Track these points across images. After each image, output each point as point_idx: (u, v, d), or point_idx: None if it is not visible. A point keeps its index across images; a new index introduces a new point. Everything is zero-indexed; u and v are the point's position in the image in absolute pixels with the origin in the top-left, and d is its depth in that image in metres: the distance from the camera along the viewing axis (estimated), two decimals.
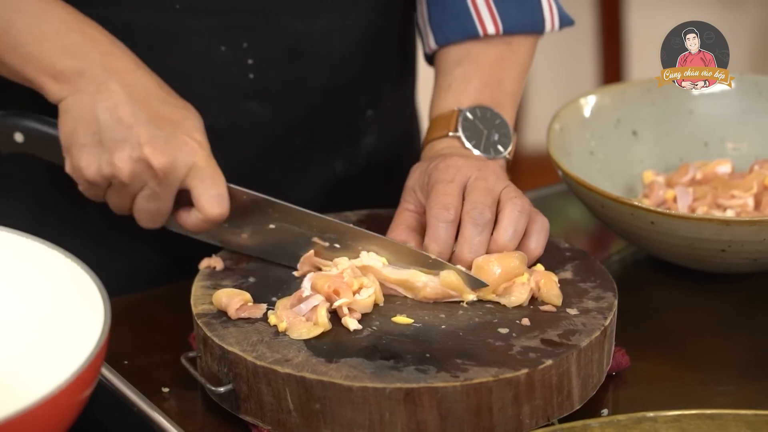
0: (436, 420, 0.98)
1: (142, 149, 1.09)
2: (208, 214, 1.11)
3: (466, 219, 1.10)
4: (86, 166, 1.10)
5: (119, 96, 1.10)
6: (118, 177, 1.10)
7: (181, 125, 1.11)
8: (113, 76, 1.10)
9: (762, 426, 0.94)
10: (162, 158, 1.09)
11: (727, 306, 1.23)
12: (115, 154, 1.09)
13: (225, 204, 1.11)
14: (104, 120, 1.09)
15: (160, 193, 1.11)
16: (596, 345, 1.04)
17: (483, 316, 1.07)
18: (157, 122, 1.10)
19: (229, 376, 1.02)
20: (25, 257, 1.01)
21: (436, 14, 1.26)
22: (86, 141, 1.10)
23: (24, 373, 0.97)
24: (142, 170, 1.09)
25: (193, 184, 1.11)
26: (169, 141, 1.09)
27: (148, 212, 1.12)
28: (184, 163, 1.10)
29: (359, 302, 1.05)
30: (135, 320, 1.18)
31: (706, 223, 1.17)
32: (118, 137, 1.09)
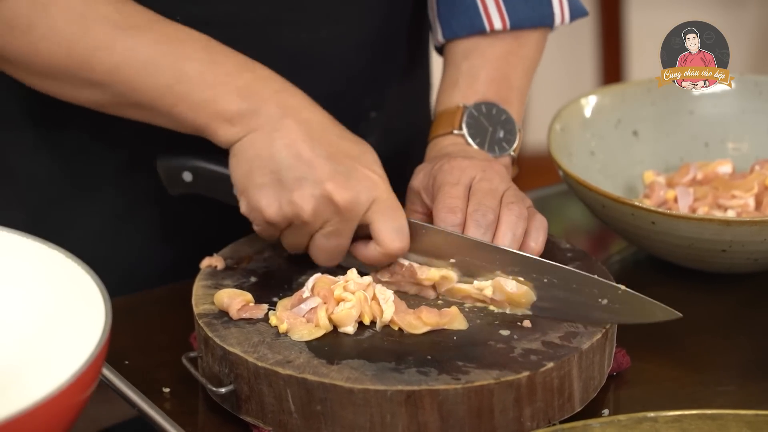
0: (438, 422, 0.98)
1: (324, 185, 1.06)
2: (389, 247, 1.08)
3: (470, 221, 1.10)
4: (266, 206, 1.08)
5: (296, 133, 1.08)
6: (299, 215, 1.07)
7: (360, 160, 1.09)
8: (289, 114, 1.09)
9: (762, 426, 0.94)
10: (345, 194, 1.07)
11: (727, 306, 1.23)
12: (296, 192, 1.07)
13: (405, 238, 1.09)
14: (283, 158, 1.07)
15: (341, 229, 1.08)
16: (597, 347, 1.04)
17: (484, 318, 1.07)
18: (337, 157, 1.08)
19: (230, 377, 1.02)
20: (25, 257, 1.01)
21: (444, 8, 1.26)
22: (264, 180, 1.08)
23: (24, 373, 0.96)
24: (325, 207, 1.07)
25: (374, 217, 1.08)
26: (350, 176, 1.07)
27: (327, 250, 1.10)
28: (367, 198, 1.08)
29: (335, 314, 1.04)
30: (135, 320, 1.18)
31: (707, 223, 1.17)
32: (299, 175, 1.07)
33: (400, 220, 1.09)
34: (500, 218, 1.10)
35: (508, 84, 1.24)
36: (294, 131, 1.08)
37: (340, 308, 1.04)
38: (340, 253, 1.10)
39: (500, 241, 1.09)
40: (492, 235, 1.10)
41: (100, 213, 1.27)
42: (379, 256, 1.10)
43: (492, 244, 1.09)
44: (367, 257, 1.10)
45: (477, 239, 1.09)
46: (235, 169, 1.10)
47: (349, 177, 1.07)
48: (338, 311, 1.04)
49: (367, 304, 1.05)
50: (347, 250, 1.11)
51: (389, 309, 1.04)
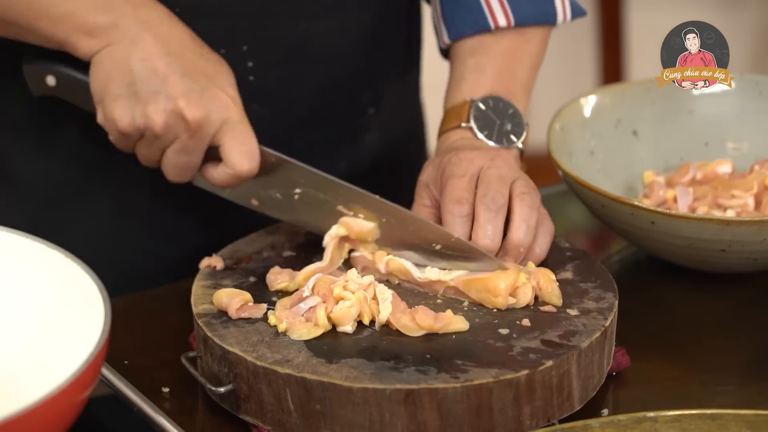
0: (437, 421, 0.98)
1: (176, 101, 1.08)
2: (237, 169, 1.10)
3: (480, 205, 1.10)
4: (120, 118, 1.10)
5: (154, 47, 1.09)
6: (151, 129, 1.09)
7: (215, 79, 1.10)
8: (147, 28, 1.10)
9: (762, 426, 0.94)
10: (196, 111, 1.08)
11: (727, 306, 1.23)
12: (149, 105, 1.08)
13: (255, 160, 1.10)
14: (138, 71, 1.08)
15: (191, 146, 1.10)
16: (597, 346, 1.04)
17: (483, 317, 1.07)
18: (192, 75, 1.09)
19: (230, 377, 1.02)
20: (25, 257, 1.01)
21: (448, 9, 1.26)
22: (120, 92, 1.09)
23: (24, 373, 0.97)
24: (176, 123, 1.08)
25: (225, 139, 1.10)
26: (203, 94, 1.09)
27: (177, 165, 1.11)
28: (218, 117, 1.09)
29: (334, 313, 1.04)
30: (135, 320, 1.18)
31: (707, 223, 1.17)
32: (153, 89, 1.08)
33: (250, 143, 1.10)
34: (513, 209, 1.11)
35: (514, 79, 1.24)
36: (151, 45, 1.09)
37: (339, 307, 1.04)
38: (189, 169, 1.12)
39: (515, 233, 1.10)
40: (503, 220, 1.10)
41: (99, 213, 1.27)
42: (227, 178, 1.11)
43: (338, 181, 1.11)
44: (216, 178, 1.12)
45: (321, 174, 1.11)
46: (93, 80, 1.11)
47: (202, 95, 1.09)
48: (337, 310, 1.04)
49: (366, 304, 1.05)
50: (198, 169, 1.12)
51: (386, 309, 1.04)
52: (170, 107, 1.08)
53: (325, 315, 1.04)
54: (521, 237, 1.10)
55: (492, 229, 1.10)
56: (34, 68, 1.17)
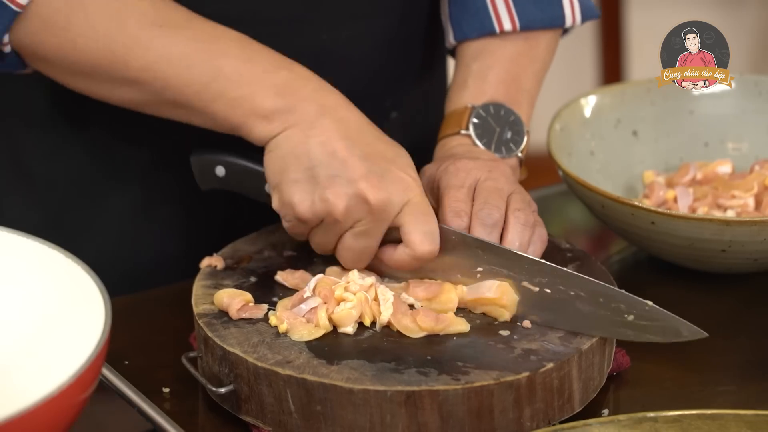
0: (437, 423, 0.98)
1: (357, 184, 1.06)
2: (418, 251, 1.07)
3: (475, 221, 1.09)
4: (299, 202, 1.07)
5: (332, 131, 1.07)
6: (332, 213, 1.07)
7: (395, 162, 1.08)
8: (326, 112, 1.08)
9: (762, 426, 0.94)
10: (379, 194, 1.06)
11: (727, 306, 1.23)
12: (329, 189, 1.06)
13: (436, 241, 1.07)
14: (317, 155, 1.06)
15: (372, 230, 1.07)
16: (597, 348, 1.04)
17: (484, 318, 1.07)
18: (372, 158, 1.07)
19: (230, 377, 1.02)
20: (25, 257, 1.01)
21: (455, 10, 1.26)
22: (298, 177, 1.07)
23: (24, 373, 0.96)
24: (357, 206, 1.06)
25: (406, 220, 1.07)
26: (384, 177, 1.07)
27: (355, 250, 1.09)
28: (400, 199, 1.07)
29: (335, 314, 1.04)
30: (135, 320, 1.18)
31: (707, 223, 1.17)
32: (333, 172, 1.06)
33: (431, 223, 1.08)
34: (507, 225, 1.10)
35: (517, 85, 1.23)
36: (330, 130, 1.07)
37: (341, 308, 1.04)
38: (368, 254, 1.09)
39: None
40: (498, 234, 1.09)
41: (114, 214, 1.27)
42: (408, 259, 1.08)
43: (522, 254, 1.08)
44: (396, 260, 1.09)
45: (508, 248, 1.08)
46: (270, 165, 1.09)
47: (383, 178, 1.07)
48: (338, 311, 1.04)
49: (368, 305, 1.04)
50: (375, 254, 1.10)
51: (387, 310, 1.04)
52: (352, 191, 1.06)
53: (326, 316, 1.04)
54: None
55: None
56: (203, 160, 1.16)
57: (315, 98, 1.09)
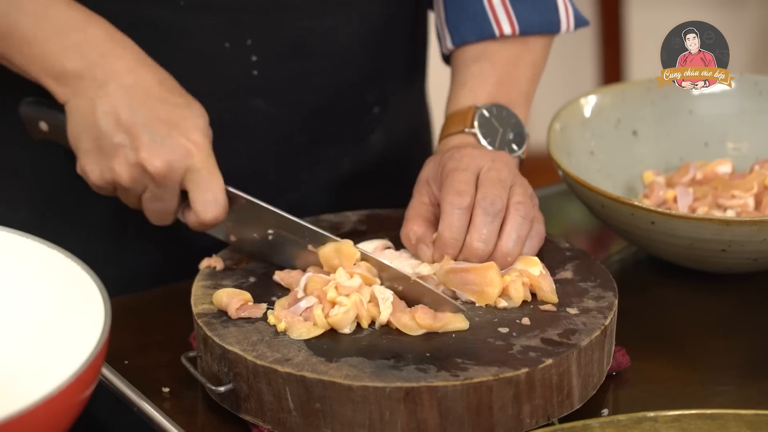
0: (437, 419, 0.98)
1: (138, 154, 1.09)
2: (201, 217, 1.11)
3: (477, 208, 1.10)
4: (90, 172, 1.11)
5: (117, 99, 1.10)
6: (119, 182, 1.10)
7: (179, 126, 1.10)
8: (112, 78, 1.10)
9: (762, 426, 0.94)
10: (156, 162, 1.09)
11: (727, 306, 1.23)
12: (114, 159, 1.10)
13: (219, 208, 1.11)
14: (103, 125, 1.10)
15: (160, 194, 1.11)
16: (596, 344, 1.04)
17: (483, 315, 1.07)
18: (155, 125, 1.10)
19: (230, 376, 1.02)
20: (25, 257, 1.01)
21: (453, 15, 1.26)
22: (89, 146, 1.11)
23: (24, 373, 0.97)
24: (140, 174, 1.10)
25: (189, 186, 1.11)
26: (164, 143, 1.09)
27: (154, 211, 1.13)
28: (179, 166, 1.09)
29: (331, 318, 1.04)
30: (135, 320, 1.18)
31: (707, 223, 1.17)
32: (117, 141, 1.09)
33: (213, 190, 1.11)
34: (507, 217, 1.10)
35: (516, 88, 1.24)
36: (114, 97, 1.10)
37: (335, 312, 1.04)
38: (167, 214, 1.13)
39: (504, 242, 1.10)
40: (499, 224, 1.10)
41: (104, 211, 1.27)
42: (196, 224, 1.12)
43: (301, 222, 1.11)
44: (190, 223, 1.13)
45: (289, 216, 1.11)
46: (69, 131, 1.13)
47: (163, 145, 1.09)
48: (334, 315, 1.04)
49: (363, 307, 1.04)
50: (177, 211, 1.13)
51: (386, 310, 1.04)
52: (133, 160, 1.09)
53: (322, 315, 1.04)
54: (510, 247, 1.10)
55: (487, 233, 1.10)
56: (29, 113, 1.18)
57: (103, 63, 1.11)
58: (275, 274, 1.11)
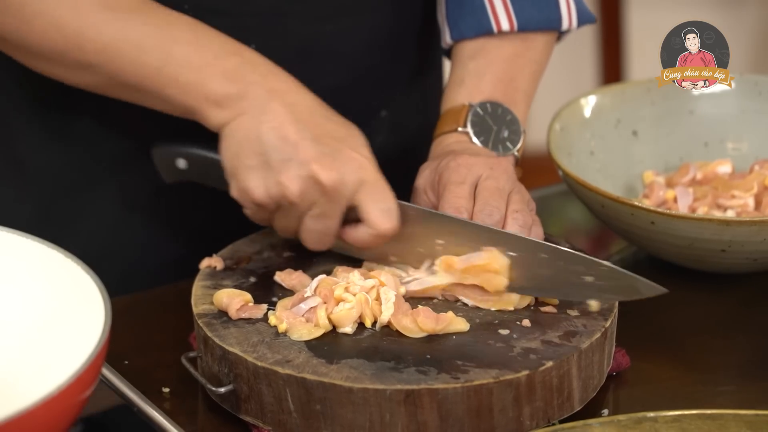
0: (437, 421, 0.98)
1: (309, 166, 1.07)
2: (378, 228, 1.08)
3: (476, 220, 1.10)
4: (254, 188, 1.09)
5: (283, 115, 1.08)
6: (287, 197, 1.08)
7: (346, 141, 1.09)
8: (276, 97, 1.09)
9: (762, 426, 0.94)
10: (331, 174, 1.07)
11: (727, 306, 1.23)
12: (283, 173, 1.07)
13: (395, 218, 1.09)
14: (269, 140, 1.08)
15: (329, 210, 1.09)
16: (597, 346, 1.04)
17: (483, 317, 1.07)
18: (323, 139, 1.08)
19: (230, 377, 1.02)
20: (25, 257, 1.01)
21: (452, 10, 1.26)
22: (252, 163, 1.08)
23: (24, 373, 0.96)
24: (311, 188, 1.07)
25: (362, 199, 1.09)
26: (336, 157, 1.08)
27: (316, 232, 1.10)
28: (353, 179, 1.08)
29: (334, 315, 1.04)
30: (135, 320, 1.18)
31: (707, 223, 1.17)
32: (285, 156, 1.07)
33: (388, 200, 1.09)
34: (505, 226, 1.10)
35: (514, 85, 1.24)
36: (280, 114, 1.08)
37: (339, 308, 1.04)
38: (329, 235, 1.10)
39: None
40: None
41: (106, 205, 1.27)
42: (368, 238, 1.10)
43: (477, 223, 1.09)
44: (357, 239, 1.10)
45: (462, 218, 1.09)
46: (225, 152, 1.11)
47: (335, 158, 1.08)
48: (337, 311, 1.04)
49: (367, 306, 1.04)
50: (337, 234, 1.11)
51: (388, 310, 1.04)
52: (304, 173, 1.07)
53: (325, 315, 1.04)
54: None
55: None
56: (164, 152, 1.17)
57: (264, 83, 1.10)
58: (276, 275, 1.11)
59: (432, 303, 1.08)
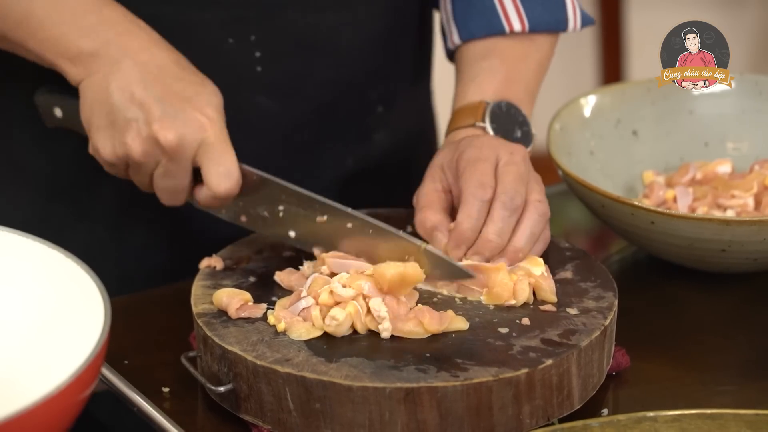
0: (436, 419, 0.98)
1: (151, 127, 1.08)
2: (215, 190, 1.10)
3: (497, 202, 1.10)
4: (102, 147, 1.10)
5: (132, 75, 1.09)
6: (131, 156, 1.09)
7: (192, 101, 1.10)
8: (127, 56, 1.10)
9: (762, 426, 0.94)
10: (169, 134, 1.08)
11: (727, 306, 1.23)
12: (126, 133, 1.09)
13: (233, 181, 1.10)
14: (116, 99, 1.09)
15: (172, 170, 1.10)
16: (596, 345, 1.04)
17: (483, 315, 1.07)
18: (169, 99, 1.09)
19: (230, 376, 1.02)
20: (25, 257, 1.01)
21: (460, 10, 1.26)
22: (101, 122, 1.10)
23: (24, 373, 0.96)
24: (153, 148, 1.08)
25: (202, 160, 1.10)
26: (177, 117, 1.08)
27: (165, 190, 1.12)
28: (193, 139, 1.09)
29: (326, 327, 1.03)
30: (135, 320, 1.18)
31: (707, 223, 1.17)
32: (129, 116, 1.09)
33: (227, 163, 1.10)
34: (525, 213, 1.11)
35: (524, 86, 1.24)
36: (129, 73, 1.09)
37: (329, 323, 1.03)
38: (179, 192, 1.12)
39: (519, 236, 1.10)
40: (515, 219, 1.10)
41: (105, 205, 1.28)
42: (210, 199, 1.11)
43: (315, 196, 1.11)
44: (201, 200, 1.12)
45: (302, 190, 1.11)
46: (82, 111, 1.12)
47: (176, 118, 1.08)
48: (327, 325, 1.03)
49: (359, 319, 1.04)
50: (188, 191, 1.12)
51: (386, 331, 1.03)
52: (146, 134, 1.08)
53: (320, 316, 1.03)
54: (523, 243, 1.10)
55: (503, 227, 1.10)
56: (43, 100, 1.18)
57: (119, 42, 1.11)
58: (275, 275, 1.11)
59: (432, 302, 1.08)
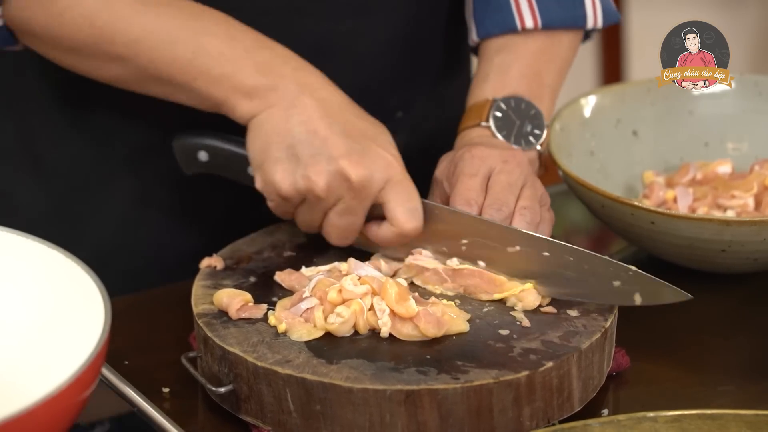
0: (437, 422, 0.98)
1: (338, 162, 1.07)
2: (402, 227, 1.09)
3: (484, 214, 1.10)
4: (280, 180, 1.09)
5: (313, 109, 1.09)
6: (313, 191, 1.08)
7: (376, 139, 1.10)
8: (306, 91, 1.09)
9: (762, 426, 0.94)
10: (359, 171, 1.07)
11: (727, 306, 1.23)
12: (311, 167, 1.08)
13: (419, 218, 1.09)
14: (299, 133, 1.08)
15: (354, 206, 1.09)
16: (597, 347, 1.04)
17: (483, 317, 1.07)
18: (353, 136, 1.09)
19: (230, 377, 1.02)
20: (25, 257, 1.01)
21: (479, 8, 1.27)
22: (280, 155, 1.09)
23: (24, 373, 0.96)
24: (339, 183, 1.08)
25: (388, 197, 1.09)
26: (365, 154, 1.08)
27: (340, 228, 1.11)
28: (380, 177, 1.08)
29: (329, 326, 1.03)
30: (135, 320, 1.18)
31: (707, 223, 1.17)
32: (314, 150, 1.08)
33: (414, 200, 1.10)
34: (512, 222, 1.11)
35: (539, 80, 1.24)
36: (311, 108, 1.09)
37: (332, 321, 1.03)
38: (352, 231, 1.11)
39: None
40: None
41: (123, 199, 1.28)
42: (392, 236, 1.10)
43: (504, 225, 1.09)
44: (381, 237, 1.10)
45: (490, 219, 1.09)
46: (252, 144, 1.10)
47: (364, 155, 1.08)
48: (331, 323, 1.03)
49: (362, 317, 1.04)
50: (360, 230, 1.11)
51: (385, 326, 1.04)
52: (332, 168, 1.07)
53: (322, 317, 1.04)
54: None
55: None
56: (186, 145, 1.17)
57: (296, 77, 1.10)
58: (276, 275, 1.11)
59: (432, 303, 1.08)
